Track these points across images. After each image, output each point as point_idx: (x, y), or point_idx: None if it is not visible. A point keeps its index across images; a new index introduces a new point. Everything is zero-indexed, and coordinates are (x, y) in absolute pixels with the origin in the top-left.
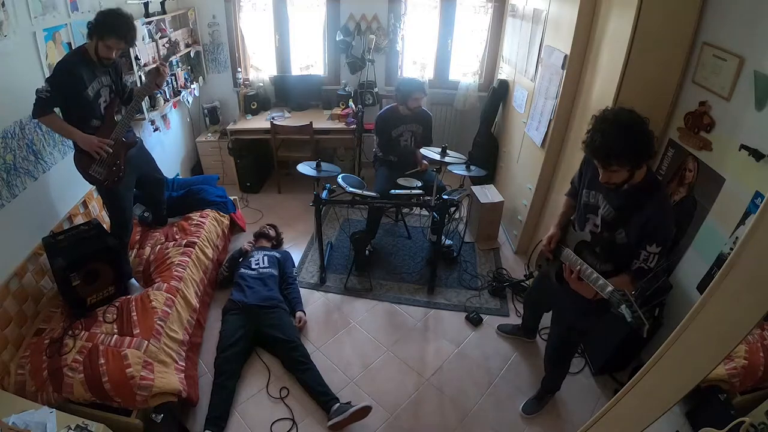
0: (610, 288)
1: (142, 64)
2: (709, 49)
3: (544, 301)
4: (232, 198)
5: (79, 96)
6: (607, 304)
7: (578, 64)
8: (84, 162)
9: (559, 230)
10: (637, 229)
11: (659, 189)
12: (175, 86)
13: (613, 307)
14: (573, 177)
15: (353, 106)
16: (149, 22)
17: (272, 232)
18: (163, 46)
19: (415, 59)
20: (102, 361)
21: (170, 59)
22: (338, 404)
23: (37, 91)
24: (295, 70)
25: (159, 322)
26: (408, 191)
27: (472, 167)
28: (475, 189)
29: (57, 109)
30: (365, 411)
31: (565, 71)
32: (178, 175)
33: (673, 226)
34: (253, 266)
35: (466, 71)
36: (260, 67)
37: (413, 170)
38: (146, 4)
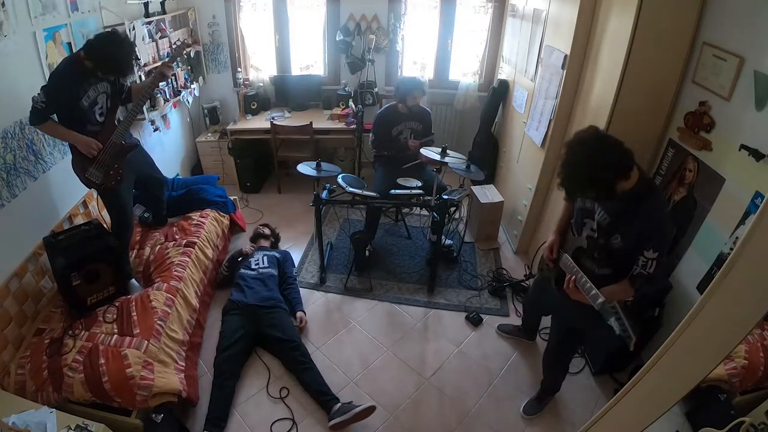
0: (600, 299)
1: (141, 64)
2: (709, 49)
3: (543, 303)
4: (232, 198)
5: (73, 106)
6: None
7: (578, 64)
8: (81, 165)
9: (559, 236)
10: (633, 235)
11: (653, 194)
12: (175, 86)
13: (604, 318)
14: None
15: (353, 106)
16: (149, 22)
17: (267, 231)
18: (169, 47)
19: (415, 59)
20: (102, 361)
21: (177, 60)
22: (340, 404)
23: (33, 99)
24: (295, 70)
25: (159, 322)
26: (408, 191)
27: (472, 168)
28: (475, 189)
29: (54, 116)
30: (369, 411)
31: (565, 71)
32: (178, 175)
33: (670, 230)
34: (253, 266)
35: (466, 71)
36: (260, 67)
37: (413, 162)
38: (146, 4)
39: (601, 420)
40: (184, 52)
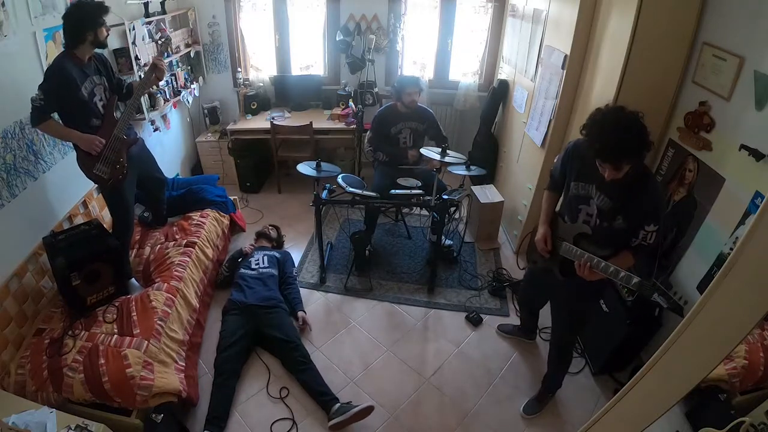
0: (636, 279)
1: (142, 64)
2: (709, 49)
3: (539, 295)
4: (232, 198)
5: (74, 97)
6: (602, 286)
7: (578, 64)
8: (87, 162)
9: (549, 226)
10: (636, 214)
11: (649, 175)
12: (175, 86)
13: (644, 296)
14: (552, 170)
15: (353, 106)
16: (149, 22)
17: (274, 233)
18: (158, 40)
19: (415, 59)
20: (102, 361)
21: (165, 54)
22: (339, 404)
23: (31, 99)
24: (295, 70)
25: (159, 322)
26: (408, 191)
27: (472, 167)
28: (475, 189)
29: (56, 116)
30: (367, 411)
31: (565, 71)
32: (178, 174)
33: (665, 204)
34: (253, 266)
35: (466, 71)
36: (260, 67)
37: (411, 165)
38: (146, 4)
39: (601, 420)
40: (170, 45)
